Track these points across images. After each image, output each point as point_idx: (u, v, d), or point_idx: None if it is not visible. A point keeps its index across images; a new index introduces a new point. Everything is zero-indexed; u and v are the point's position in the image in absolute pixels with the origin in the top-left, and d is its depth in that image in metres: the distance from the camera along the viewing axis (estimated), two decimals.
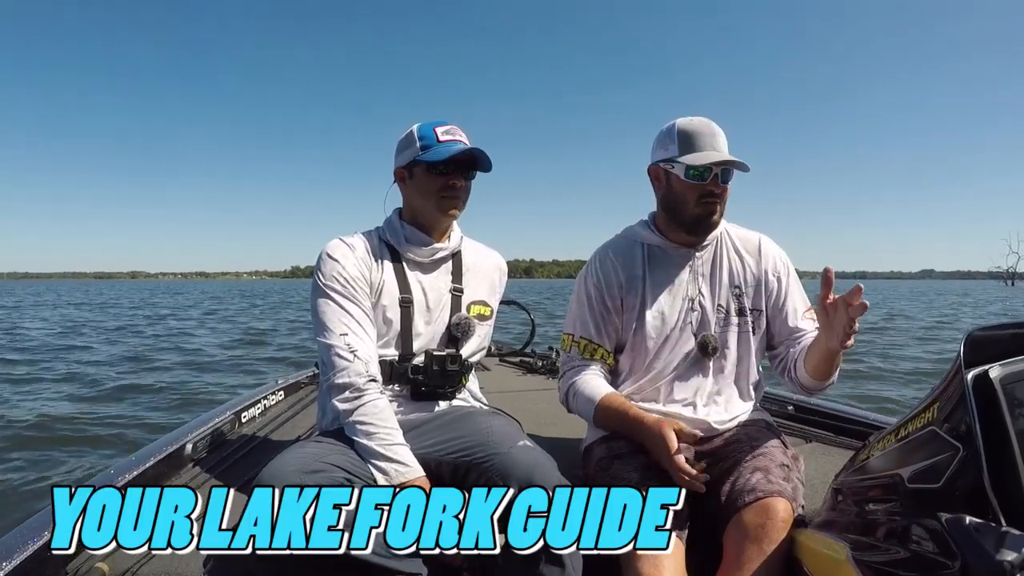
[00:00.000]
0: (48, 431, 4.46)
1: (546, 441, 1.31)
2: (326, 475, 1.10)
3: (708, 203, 1.35)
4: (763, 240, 1.49)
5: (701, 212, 1.36)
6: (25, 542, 1.09)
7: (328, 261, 1.34)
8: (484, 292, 1.50)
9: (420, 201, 1.40)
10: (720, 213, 1.39)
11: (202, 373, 7.61)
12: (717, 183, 1.33)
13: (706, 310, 1.41)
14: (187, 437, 1.68)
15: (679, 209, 1.38)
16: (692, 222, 1.38)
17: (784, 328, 1.43)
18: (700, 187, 1.33)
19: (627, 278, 1.43)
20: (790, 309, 1.44)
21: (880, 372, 7.70)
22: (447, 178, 1.36)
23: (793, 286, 1.45)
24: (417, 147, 1.36)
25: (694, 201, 1.35)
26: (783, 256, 1.48)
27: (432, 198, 1.37)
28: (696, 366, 1.40)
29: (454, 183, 1.37)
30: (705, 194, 1.34)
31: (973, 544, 0.70)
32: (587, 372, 1.42)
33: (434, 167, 1.35)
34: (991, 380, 0.78)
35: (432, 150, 1.35)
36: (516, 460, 1.12)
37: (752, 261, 1.45)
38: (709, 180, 1.33)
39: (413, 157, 1.37)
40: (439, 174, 1.36)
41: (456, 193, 1.38)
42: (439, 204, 1.38)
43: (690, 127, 1.35)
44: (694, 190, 1.34)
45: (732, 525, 1.12)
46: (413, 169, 1.39)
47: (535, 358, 3.35)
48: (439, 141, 1.35)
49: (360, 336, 1.29)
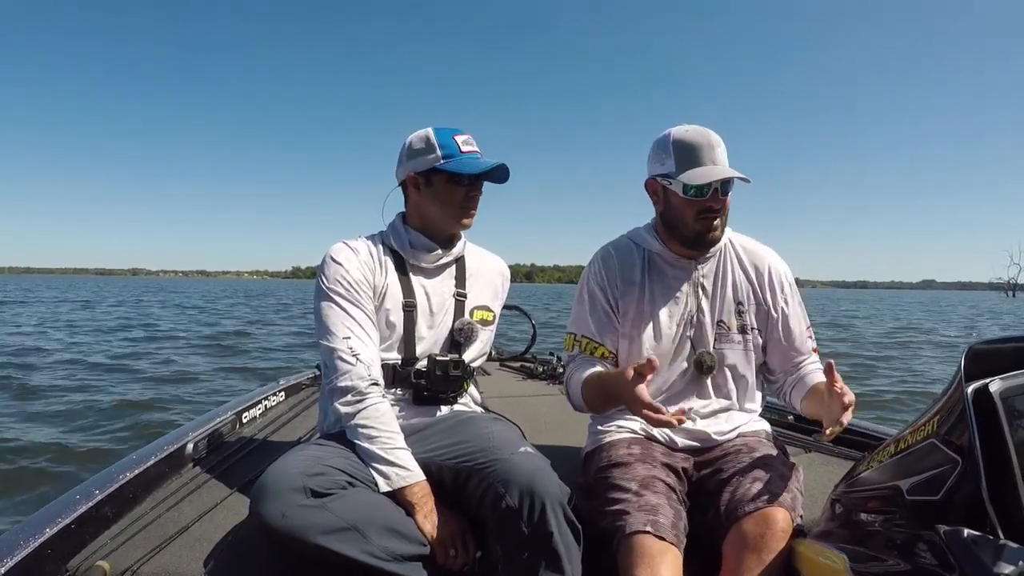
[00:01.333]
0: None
1: (547, 447, 1.31)
2: (328, 478, 1.10)
3: (708, 219, 1.32)
4: (771, 258, 1.45)
5: (701, 228, 1.33)
6: (26, 540, 1.09)
7: (332, 264, 1.35)
8: (487, 297, 1.51)
9: (436, 209, 1.40)
10: (721, 227, 1.36)
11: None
12: (717, 198, 1.30)
13: (704, 326, 1.38)
14: (188, 437, 1.68)
15: (678, 225, 1.35)
16: (692, 238, 1.35)
17: (783, 352, 1.42)
18: (699, 203, 1.30)
19: (624, 281, 1.41)
20: (791, 332, 1.41)
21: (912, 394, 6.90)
22: (468, 189, 1.37)
23: (795, 307, 1.43)
24: (439, 155, 1.35)
25: (693, 217, 1.32)
26: (788, 274, 1.45)
27: (451, 207, 1.38)
28: (694, 383, 1.39)
29: (474, 195, 1.39)
30: (705, 210, 1.30)
31: (971, 557, 0.71)
32: (585, 363, 1.39)
33: (457, 177, 1.36)
34: (991, 394, 0.79)
35: (455, 160, 1.35)
36: (517, 466, 1.12)
37: (756, 277, 1.42)
38: (709, 196, 1.29)
39: (434, 164, 1.36)
40: (461, 185, 1.37)
41: (474, 204, 1.40)
42: (457, 214, 1.39)
43: (686, 139, 1.30)
44: (693, 206, 1.30)
45: (731, 535, 1.12)
46: (432, 177, 1.38)
47: (536, 363, 3.35)
48: (462, 152, 1.35)
49: (363, 340, 1.30)
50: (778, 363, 1.44)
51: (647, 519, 1.10)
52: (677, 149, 1.31)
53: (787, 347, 1.42)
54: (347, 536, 1.05)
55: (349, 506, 1.09)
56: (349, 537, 1.05)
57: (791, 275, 1.47)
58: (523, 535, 1.06)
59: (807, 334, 1.43)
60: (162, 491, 1.47)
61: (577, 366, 1.41)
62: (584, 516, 1.16)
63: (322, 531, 1.04)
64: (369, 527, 1.08)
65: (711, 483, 1.26)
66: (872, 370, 8.87)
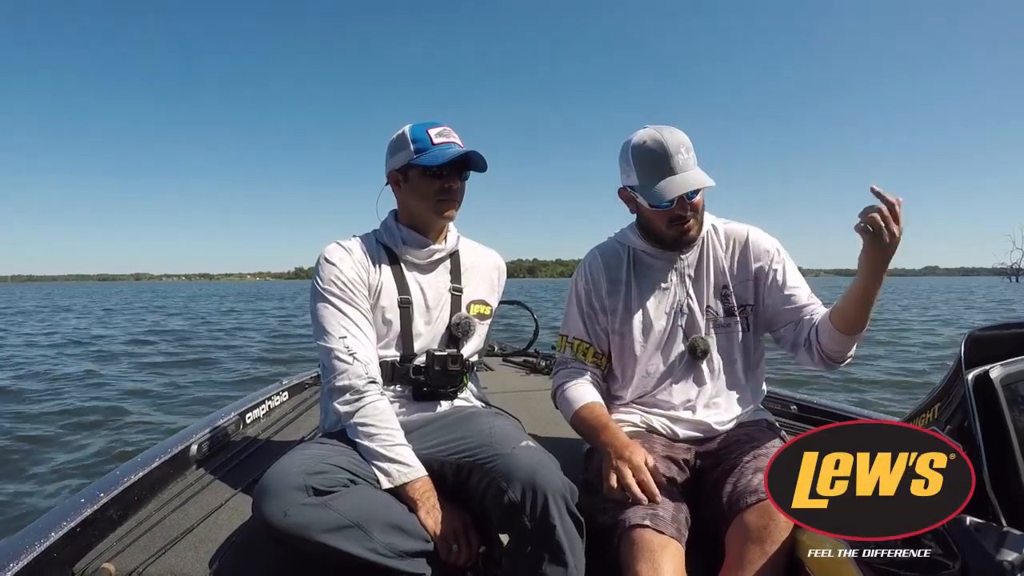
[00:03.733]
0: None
1: (548, 441, 1.31)
2: (329, 477, 1.11)
3: (679, 224, 1.33)
4: (752, 232, 1.44)
5: (675, 233, 1.35)
6: (32, 543, 1.10)
7: (326, 265, 1.35)
8: (483, 291, 1.51)
9: (416, 204, 1.40)
10: (697, 226, 1.37)
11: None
12: (684, 205, 1.31)
13: (695, 313, 1.40)
14: (192, 438, 1.69)
15: (652, 231, 1.39)
16: (669, 242, 1.38)
17: (786, 309, 1.38)
18: (668, 212, 1.32)
19: (610, 281, 1.43)
20: (789, 291, 1.38)
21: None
22: (443, 181, 1.36)
23: (790, 271, 1.40)
24: (411, 150, 1.36)
25: (665, 225, 1.34)
26: (774, 244, 1.43)
27: (429, 201, 1.37)
28: (690, 369, 1.40)
29: (450, 185, 1.37)
30: (674, 218, 1.33)
31: (973, 544, 0.71)
32: (580, 378, 1.42)
33: (430, 170, 1.35)
34: (991, 380, 0.78)
35: (427, 153, 1.34)
36: (519, 461, 1.12)
37: (740, 257, 1.42)
38: (676, 205, 1.31)
39: (408, 160, 1.36)
40: (435, 177, 1.36)
41: (452, 195, 1.38)
42: (436, 207, 1.38)
43: (643, 150, 1.29)
44: (663, 215, 1.33)
45: (734, 526, 1.12)
46: (408, 172, 1.39)
47: (538, 358, 3.35)
48: (433, 144, 1.35)
49: (359, 339, 1.30)
50: (787, 326, 1.40)
51: (647, 512, 1.11)
52: (637, 161, 1.31)
53: (790, 308, 1.38)
54: (350, 534, 1.05)
55: (351, 504, 1.09)
56: (352, 535, 1.06)
57: (778, 243, 1.44)
58: (526, 529, 1.06)
59: (807, 290, 1.39)
60: (167, 493, 1.48)
61: (572, 378, 1.43)
62: (586, 510, 1.16)
63: (325, 529, 1.04)
64: (372, 524, 1.08)
65: (714, 474, 1.26)
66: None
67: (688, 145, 1.30)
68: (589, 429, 1.32)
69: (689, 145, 1.30)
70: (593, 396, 1.38)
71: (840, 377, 6.63)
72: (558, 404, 1.45)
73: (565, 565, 1.06)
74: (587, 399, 1.37)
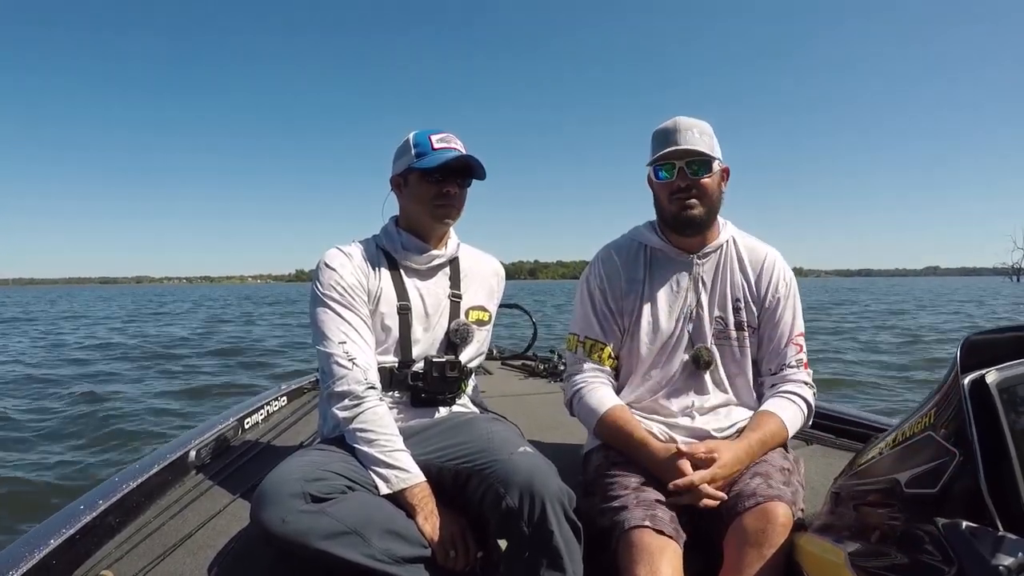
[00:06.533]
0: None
1: (547, 446, 1.32)
2: (327, 483, 1.11)
3: (680, 199, 1.34)
4: (770, 256, 1.44)
5: (676, 209, 1.35)
6: (31, 551, 1.10)
7: (325, 270, 1.35)
8: (482, 297, 1.51)
9: (415, 208, 1.41)
10: (702, 209, 1.35)
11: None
12: (685, 176, 1.32)
13: (703, 320, 1.39)
14: (191, 444, 1.69)
15: (659, 209, 1.41)
16: (671, 220, 1.38)
17: (769, 352, 1.40)
18: (670, 184, 1.35)
19: (628, 280, 1.42)
20: (781, 333, 1.39)
21: None
22: (441, 186, 1.36)
23: (789, 311, 1.41)
24: (412, 155, 1.37)
25: (667, 199, 1.36)
26: (788, 275, 1.43)
27: (426, 205, 1.38)
28: (692, 378, 1.39)
29: (448, 191, 1.37)
30: (675, 191, 1.34)
31: (970, 549, 0.70)
32: (596, 381, 1.40)
33: (428, 175, 1.36)
34: (988, 385, 0.78)
35: (426, 158, 1.35)
36: (517, 466, 1.12)
37: (755, 277, 1.42)
38: (676, 176, 1.33)
39: (408, 165, 1.38)
40: (433, 182, 1.36)
41: (450, 201, 1.38)
42: (433, 212, 1.38)
43: (660, 128, 1.36)
44: (665, 188, 1.36)
45: (732, 530, 1.12)
46: (408, 176, 1.40)
47: (537, 361, 3.35)
48: (434, 149, 1.35)
49: (358, 344, 1.30)
50: (763, 363, 1.42)
51: (646, 514, 1.11)
52: (654, 138, 1.37)
53: (772, 349, 1.40)
54: (348, 540, 1.06)
55: (349, 510, 1.09)
56: (350, 541, 1.06)
57: (791, 275, 1.44)
58: (524, 535, 1.06)
59: (795, 341, 1.40)
60: (166, 499, 1.47)
61: (588, 382, 1.39)
62: (584, 514, 1.16)
63: (323, 536, 1.04)
64: (369, 530, 1.08)
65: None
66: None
67: (704, 130, 1.34)
68: (624, 437, 1.29)
69: (706, 130, 1.34)
70: (614, 400, 1.37)
71: (841, 380, 6.61)
72: (575, 411, 1.42)
73: (563, 570, 1.06)
74: (609, 403, 1.35)
